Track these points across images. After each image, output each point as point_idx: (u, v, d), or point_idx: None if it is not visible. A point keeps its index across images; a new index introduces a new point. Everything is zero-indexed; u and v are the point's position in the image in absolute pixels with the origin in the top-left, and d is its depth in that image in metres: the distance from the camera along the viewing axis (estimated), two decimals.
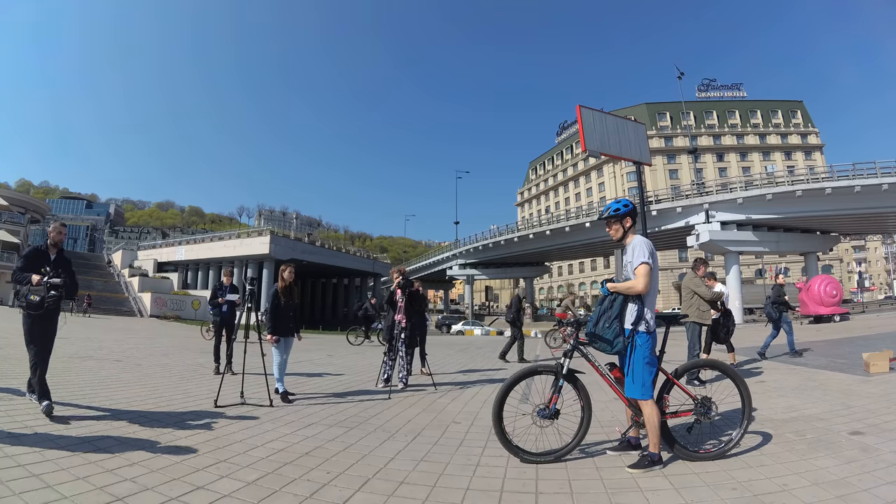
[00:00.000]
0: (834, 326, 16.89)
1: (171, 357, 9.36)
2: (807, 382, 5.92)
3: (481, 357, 10.93)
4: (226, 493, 2.54)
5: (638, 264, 3.03)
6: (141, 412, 4.33)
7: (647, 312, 3.04)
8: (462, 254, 51.16)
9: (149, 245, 50.58)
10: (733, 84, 73.93)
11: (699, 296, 6.51)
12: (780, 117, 70.46)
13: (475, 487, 2.72)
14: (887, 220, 33.31)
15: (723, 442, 3.26)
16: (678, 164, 67.17)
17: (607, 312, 3.07)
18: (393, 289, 6.75)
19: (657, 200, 34.20)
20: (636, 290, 3.00)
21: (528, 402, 3.74)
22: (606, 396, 4.42)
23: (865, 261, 73.96)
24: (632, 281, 3.05)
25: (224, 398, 4.82)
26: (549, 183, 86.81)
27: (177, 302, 36.49)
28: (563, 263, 74.75)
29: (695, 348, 6.53)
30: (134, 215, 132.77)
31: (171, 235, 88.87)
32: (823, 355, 8.59)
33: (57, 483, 2.52)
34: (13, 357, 7.72)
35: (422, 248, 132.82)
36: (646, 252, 3.05)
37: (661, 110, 71.14)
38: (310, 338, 15.87)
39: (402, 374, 6.45)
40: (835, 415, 4.20)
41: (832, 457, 3.08)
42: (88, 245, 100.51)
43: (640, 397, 2.99)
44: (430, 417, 4.55)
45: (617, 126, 19.66)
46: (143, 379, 6.39)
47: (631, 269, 3.10)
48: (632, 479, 2.80)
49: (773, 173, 42.24)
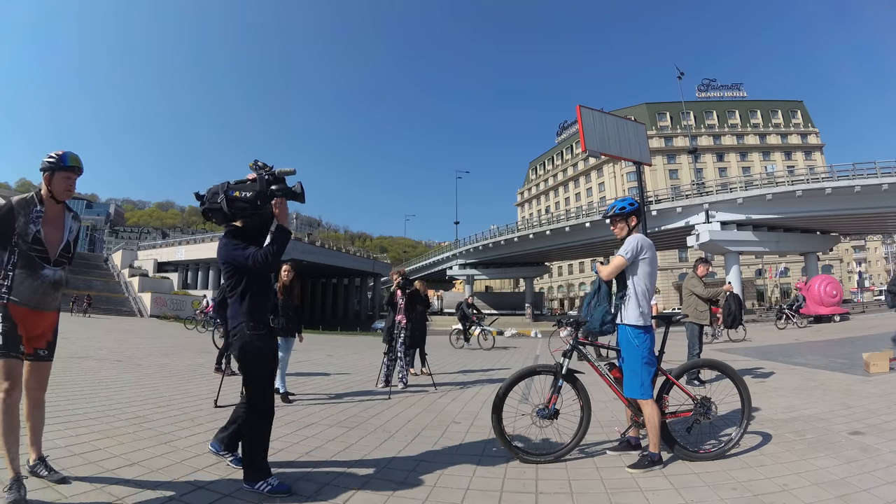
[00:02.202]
0: (834, 326, 16.89)
1: (171, 357, 9.36)
2: (807, 382, 5.92)
3: (481, 357, 10.93)
4: (226, 493, 2.54)
5: (616, 255, 3.16)
6: (141, 412, 4.33)
7: (640, 306, 3.07)
8: (462, 254, 51.13)
9: (149, 245, 50.57)
10: (733, 84, 73.94)
11: (697, 295, 6.56)
12: (780, 117, 70.44)
13: (475, 487, 2.72)
14: (887, 220, 33.30)
15: (723, 442, 3.26)
16: (678, 164, 67.14)
17: (596, 294, 3.26)
18: (393, 289, 6.78)
19: (657, 200, 34.18)
20: (602, 275, 3.21)
21: (527, 402, 3.74)
22: (606, 396, 4.42)
23: (865, 261, 73.89)
24: (603, 266, 3.24)
25: (224, 398, 4.82)
26: (549, 183, 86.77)
27: (177, 302, 36.49)
28: (563, 263, 74.77)
29: (694, 348, 6.55)
30: (134, 215, 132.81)
31: (171, 235, 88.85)
32: (823, 355, 8.59)
33: (57, 483, 2.52)
34: None
35: (422, 248, 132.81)
36: (630, 248, 3.14)
37: (661, 110, 71.12)
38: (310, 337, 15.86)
39: (402, 374, 6.46)
40: (835, 415, 4.20)
41: (832, 457, 3.08)
42: (88, 245, 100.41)
43: (640, 397, 3.00)
44: (430, 417, 4.55)
45: (617, 126, 19.68)
46: (143, 379, 6.39)
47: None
48: (632, 479, 2.80)
49: (773, 173, 42.23)
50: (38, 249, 2.47)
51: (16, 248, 2.43)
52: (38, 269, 2.47)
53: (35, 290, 2.46)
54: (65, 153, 2.53)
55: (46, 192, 2.55)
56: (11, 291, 2.38)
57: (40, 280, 2.48)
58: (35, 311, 2.46)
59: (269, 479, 2.59)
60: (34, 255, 2.46)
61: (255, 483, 2.56)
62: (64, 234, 2.61)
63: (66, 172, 2.54)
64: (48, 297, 2.51)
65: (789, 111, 70.88)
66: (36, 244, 2.46)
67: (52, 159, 2.51)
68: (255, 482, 2.57)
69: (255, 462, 2.62)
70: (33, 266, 2.45)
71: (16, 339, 2.37)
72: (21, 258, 2.43)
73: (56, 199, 2.57)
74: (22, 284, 2.42)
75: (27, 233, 2.44)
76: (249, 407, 2.69)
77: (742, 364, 7.57)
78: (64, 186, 2.55)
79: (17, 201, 2.45)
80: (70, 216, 2.69)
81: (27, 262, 2.44)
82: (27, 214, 2.46)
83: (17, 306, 2.39)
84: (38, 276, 2.47)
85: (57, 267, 2.55)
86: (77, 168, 2.58)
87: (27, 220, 2.45)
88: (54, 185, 2.53)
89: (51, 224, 2.55)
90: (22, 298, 2.40)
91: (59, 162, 2.52)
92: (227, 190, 2.67)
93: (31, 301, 2.44)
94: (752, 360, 8.27)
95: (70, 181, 2.58)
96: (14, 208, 2.43)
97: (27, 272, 2.43)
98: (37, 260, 2.46)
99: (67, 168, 2.54)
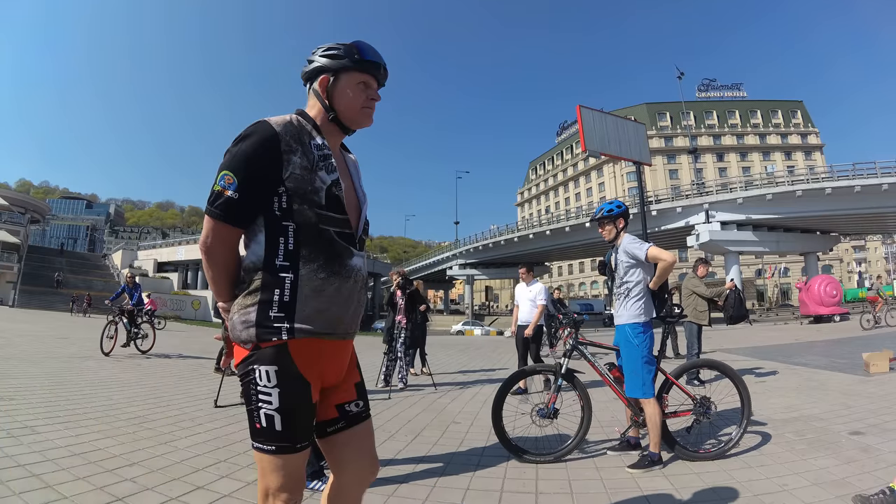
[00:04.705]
0: (834, 326, 16.89)
1: (170, 357, 9.36)
2: (807, 382, 5.92)
3: (481, 357, 10.93)
4: (226, 493, 2.54)
5: (646, 248, 3.10)
6: (141, 412, 4.33)
7: (641, 302, 3.11)
8: (462, 254, 51.14)
9: (149, 245, 50.62)
10: (733, 84, 74.03)
11: (697, 295, 6.57)
12: (780, 117, 70.49)
13: (475, 487, 2.71)
14: (887, 220, 33.32)
15: (722, 442, 3.26)
16: (678, 164, 67.17)
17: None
18: (393, 290, 6.81)
19: (657, 200, 34.21)
20: (668, 263, 3.05)
21: (527, 402, 3.74)
22: (606, 396, 4.42)
23: (865, 261, 73.92)
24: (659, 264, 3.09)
25: (224, 398, 4.82)
26: (549, 183, 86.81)
27: (177, 302, 36.50)
28: (563, 263, 74.75)
29: (693, 348, 6.56)
30: (134, 215, 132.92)
31: (171, 235, 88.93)
32: (823, 355, 8.59)
33: (57, 483, 2.52)
34: (13, 357, 7.73)
35: (422, 248, 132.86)
36: (643, 242, 3.16)
37: (661, 110, 71.15)
38: None
39: (402, 374, 6.47)
40: (835, 415, 4.20)
41: (832, 457, 3.08)
42: (88, 245, 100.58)
43: (642, 396, 3.00)
44: (430, 417, 4.55)
45: (617, 126, 19.68)
46: (143, 379, 6.39)
47: (626, 266, 3.18)
48: (632, 479, 2.80)
49: (773, 173, 42.29)
50: (338, 220, 1.26)
51: (290, 221, 1.21)
52: (344, 260, 1.27)
53: (343, 302, 1.27)
54: (359, 43, 1.33)
55: (323, 112, 1.33)
56: (295, 315, 1.19)
57: (351, 280, 1.28)
58: (339, 342, 1.30)
59: (323, 477, 2.65)
60: (333, 233, 1.25)
61: (309, 481, 2.61)
62: (357, 190, 1.40)
63: (363, 75, 1.33)
64: (360, 310, 1.35)
65: (789, 111, 70.93)
66: (334, 210, 1.25)
67: (338, 51, 1.31)
68: (310, 480, 2.62)
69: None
70: (333, 254, 1.25)
71: (307, 412, 1.21)
72: (309, 240, 1.22)
73: (344, 128, 1.36)
74: (318, 296, 1.21)
75: (315, 187, 1.22)
76: None
77: (742, 364, 7.56)
78: (361, 101, 1.34)
79: (281, 125, 1.22)
80: (351, 159, 1.46)
81: (322, 247, 1.23)
82: (305, 152, 1.23)
83: (313, 340, 1.21)
84: (344, 272, 1.27)
85: (362, 252, 1.36)
86: (384, 69, 1.37)
87: (311, 163, 1.23)
88: (341, 99, 1.31)
89: (342, 172, 1.34)
90: (318, 324, 1.22)
91: (352, 54, 1.30)
92: None
93: (334, 325, 1.25)
94: (752, 360, 8.26)
95: (371, 91, 1.35)
96: (280, 136, 1.21)
97: (324, 267, 1.23)
98: (338, 242, 1.26)
99: (368, 65, 1.32)
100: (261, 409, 1.17)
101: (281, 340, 1.18)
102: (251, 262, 1.23)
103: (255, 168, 1.19)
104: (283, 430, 1.17)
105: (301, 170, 1.21)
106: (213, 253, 1.24)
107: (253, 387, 1.19)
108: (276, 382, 1.17)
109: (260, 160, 1.19)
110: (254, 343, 1.19)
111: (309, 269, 1.21)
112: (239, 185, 1.18)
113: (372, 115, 1.37)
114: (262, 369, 1.18)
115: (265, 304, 1.19)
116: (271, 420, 1.17)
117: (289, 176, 1.20)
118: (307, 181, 1.21)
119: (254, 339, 1.19)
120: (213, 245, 1.23)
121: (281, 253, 1.21)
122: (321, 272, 1.22)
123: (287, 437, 1.18)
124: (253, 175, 1.19)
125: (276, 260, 1.21)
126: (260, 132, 1.21)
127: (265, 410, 1.17)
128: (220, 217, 1.20)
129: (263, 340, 1.18)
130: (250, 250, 1.24)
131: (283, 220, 1.21)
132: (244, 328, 1.20)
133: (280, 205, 1.21)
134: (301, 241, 1.21)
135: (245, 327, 1.20)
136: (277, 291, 1.19)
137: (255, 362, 1.19)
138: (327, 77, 1.31)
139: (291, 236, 1.21)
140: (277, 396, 1.17)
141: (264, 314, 1.19)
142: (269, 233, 1.22)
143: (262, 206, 1.22)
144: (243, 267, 1.26)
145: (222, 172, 1.20)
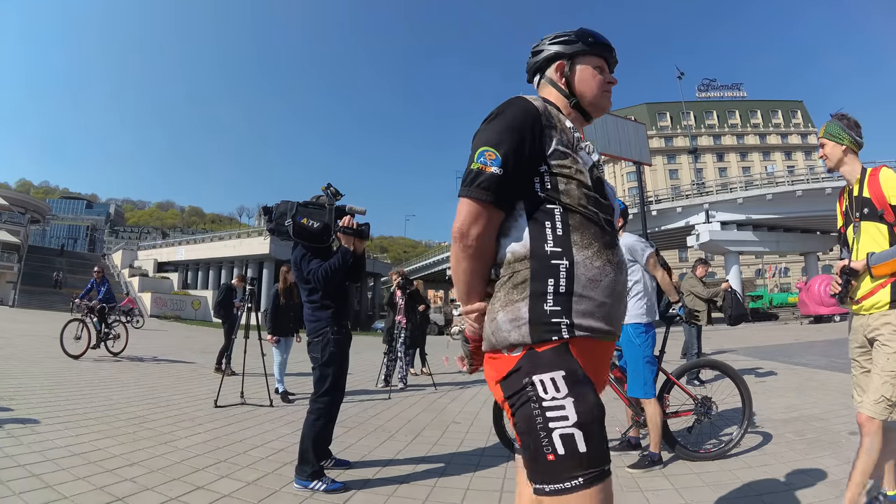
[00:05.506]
0: (834, 326, 16.90)
1: (170, 357, 9.36)
2: (807, 382, 5.92)
3: None
4: (226, 493, 2.54)
5: (647, 254, 3.14)
6: (141, 412, 4.33)
7: (645, 301, 3.12)
8: None
9: (149, 245, 50.55)
10: (733, 84, 73.96)
11: (696, 295, 6.57)
12: (780, 117, 70.48)
13: (475, 487, 2.72)
14: None
15: (723, 442, 3.26)
16: (678, 164, 67.17)
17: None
18: (393, 290, 6.82)
19: (657, 200, 34.19)
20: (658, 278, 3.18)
21: None
22: (606, 396, 4.39)
23: None
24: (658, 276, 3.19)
25: (224, 398, 4.82)
26: None
27: (177, 302, 36.47)
28: None
29: (693, 348, 6.56)
30: (134, 215, 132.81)
31: (171, 235, 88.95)
32: (823, 355, 8.59)
33: (57, 483, 2.52)
34: (14, 357, 7.73)
35: (422, 248, 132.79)
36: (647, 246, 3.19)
37: (661, 110, 71.12)
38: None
39: (402, 374, 6.48)
40: (835, 415, 4.20)
41: (832, 456, 3.08)
42: (88, 245, 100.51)
43: (644, 396, 3.00)
44: (430, 417, 4.55)
45: (617, 126, 19.69)
46: (142, 379, 6.39)
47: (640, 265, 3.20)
48: (632, 479, 2.80)
49: (773, 173, 42.25)
50: (605, 206, 1.16)
51: (556, 203, 1.08)
52: (617, 251, 1.14)
53: (618, 297, 1.11)
54: (586, 28, 1.27)
55: (563, 100, 1.25)
56: (573, 309, 1.02)
57: (623, 273, 1.15)
58: (610, 345, 1.16)
59: (323, 478, 2.65)
60: (603, 219, 1.13)
61: (309, 481, 2.61)
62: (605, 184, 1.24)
63: (598, 59, 1.26)
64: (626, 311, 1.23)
65: (789, 111, 70.92)
66: (599, 193, 1.16)
67: (569, 37, 1.24)
68: (310, 480, 2.61)
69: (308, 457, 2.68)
70: (607, 243, 1.11)
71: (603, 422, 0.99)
72: (579, 225, 1.08)
73: (586, 114, 1.27)
74: (595, 287, 1.05)
75: (579, 167, 1.12)
76: (322, 399, 2.78)
77: (742, 364, 7.56)
78: (601, 86, 1.25)
79: (538, 101, 1.14)
80: None
81: (596, 233, 1.10)
82: (564, 130, 1.13)
83: (590, 340, 1.04)
84: (620, 263, 1.13)
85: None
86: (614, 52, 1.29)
87: (571, 142, 1.13)
88: (582, 83, 1.24)
89: None
90: (598, 320, 1.05)
91: (586, 38, 1.24)
92: (294, 214, 2.78)
93: (612, 322, 1.09)
94: (752, 360, 8.26)
95: (606, 74, 1.28)
96: (540, 111, 1.11)
97: (599, 255, 1.08)
98: (608, 230, 1.14)
99: (602, 47, 1.26)
100: (553, 432, 0.93)
101: (562, 339, 0.99)
102: (512, 252, 1.07)
103: (519, 141, 1.06)
104: (590, 451, 0.92)
105: (564, 147, 1.10)
106: (474, 241, 1.07)
107: (535, 406, 0.95)
108: (567, 391, 0.95)
109: (522, 132, 1.07)
110: (526, 346, 1.00)
111: (584, 257, 1.05)
112: (504, 159, 1.05)
113: (611, 99, 1.28)
114: (544, 378, 0.96)
115: (538, 296, 1.01)
116: (571, 441, 0.92)
117: (552, 152, 1.09)
118: (572, 160, 1.10)
119: (528, 339, 1.00)
120: (476, 231, 1.06)
121: (550, 238, 1.05)
122: (597, 260, 1.06)
123: (596, 459, 0.93)
124: (518, 149, 1.06)
125: (545, 245, 1.04)
126: (519, 105, 1.11)
127: (560, 430, 0.93)
128: (483, 198, 1.05)
129: (541, 342, 0.99)
130: (509, 237, 1.09)
131: (549, 203, 1.08)
132: (514, 327, 1.01)
133: (543, 185, 1.08)
134: (572, 226, 1.07)
135: (515, 326, 1.01)
136: (552, 281, 1.01)
137: (531, 372, 0.98)
138: (563, 63, 1.24)
139: (559, 220, 1.07)
140: (573, 407, 0.94)
141: (538, 309, 1.00)
142: (533, 217, 1.08)
143: (524, 187, 1.09)
144: (498, 259, 1.11)
145: (481, 149, 1.07)
